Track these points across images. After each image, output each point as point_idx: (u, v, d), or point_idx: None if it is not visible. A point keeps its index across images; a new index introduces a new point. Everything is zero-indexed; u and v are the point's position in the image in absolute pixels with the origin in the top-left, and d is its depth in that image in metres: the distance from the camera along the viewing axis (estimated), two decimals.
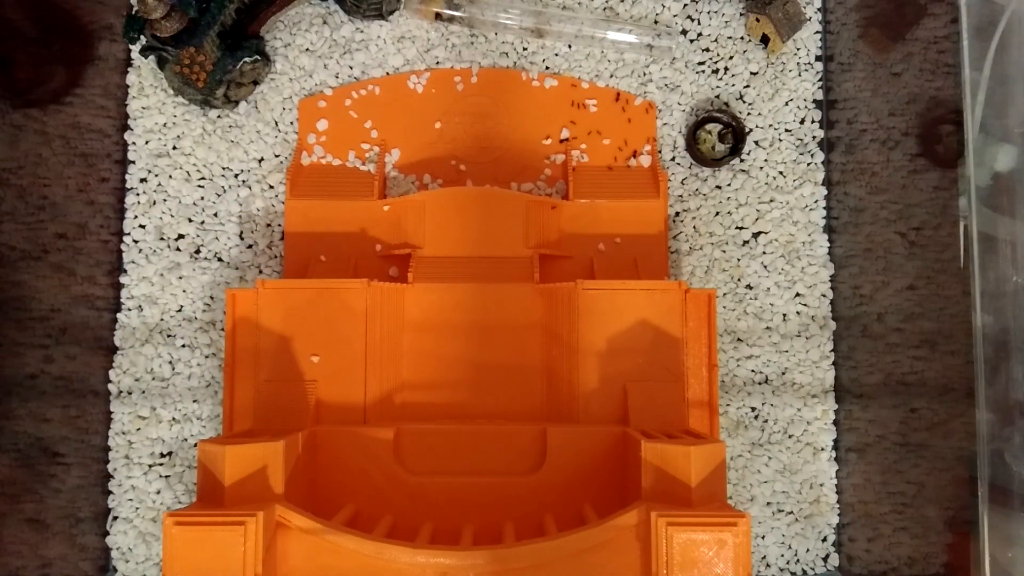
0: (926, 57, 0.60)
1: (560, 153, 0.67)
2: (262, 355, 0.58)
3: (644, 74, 0.68)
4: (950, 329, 0.58)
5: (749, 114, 0.68)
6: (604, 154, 0.67)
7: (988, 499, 0.49)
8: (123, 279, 0.65)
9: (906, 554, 0.62)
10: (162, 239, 0.66)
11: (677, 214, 0.67)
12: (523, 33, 0.68)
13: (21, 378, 0.64)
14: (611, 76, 0.68)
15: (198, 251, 0.66)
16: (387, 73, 0.68)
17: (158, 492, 0.63)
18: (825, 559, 0.64)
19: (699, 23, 0.69)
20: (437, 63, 0.68)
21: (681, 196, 0.67)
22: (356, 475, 0.56)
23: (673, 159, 0.68)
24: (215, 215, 0.66)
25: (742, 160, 0.67)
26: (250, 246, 0.66)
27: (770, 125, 0.68)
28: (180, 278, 0.65)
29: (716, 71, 0.68)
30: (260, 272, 0.66)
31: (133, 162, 0.66)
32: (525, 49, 0.68)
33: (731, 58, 0.68)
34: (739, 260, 0.66)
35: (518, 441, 0.57)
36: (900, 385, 0.61)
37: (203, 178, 0.66)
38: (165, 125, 0.67)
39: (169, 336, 0.65)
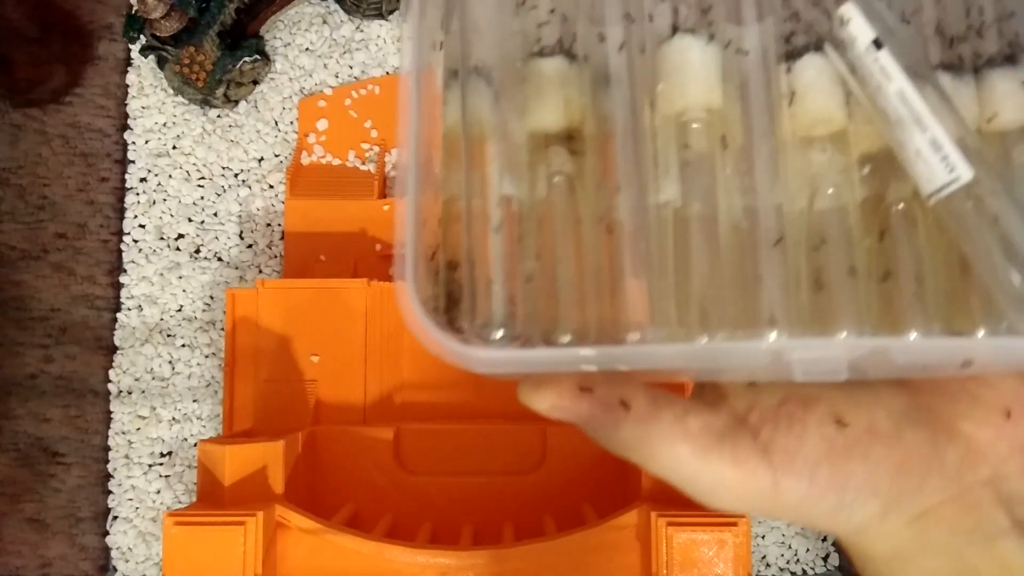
0: None
1: None
2: (262, 355, 0.58)
3: None
4: None
5: None
6: None
7: None
8: (123, 279, 0.65)
9: None
10: (162, 239, 0.66)
11: None
12: None
13: (21, 378, 0.64)
14: None
15: (198, 251, 0.66)
16: (387, 73, 0.68)
17: (158, 492, 0.63)
18: (825, 559, 0.64)
19: None
20: None
21: None
22: (356, 475, 0.56)
23: None
24: (215, 215, 0.66)
25: None
26: (250, 246, 0.66)
27: None
28: (180, 278, 0.65)
29: None
30: (260, 272, 0.66)
31: (133, 162, 0.66)
32: None
33: None
34: None
35: (518, 441, 0.57)
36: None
37: (203, 178, 0.66)
38: (165, 125, 0.67)
39: (169, 336, 0.64)
